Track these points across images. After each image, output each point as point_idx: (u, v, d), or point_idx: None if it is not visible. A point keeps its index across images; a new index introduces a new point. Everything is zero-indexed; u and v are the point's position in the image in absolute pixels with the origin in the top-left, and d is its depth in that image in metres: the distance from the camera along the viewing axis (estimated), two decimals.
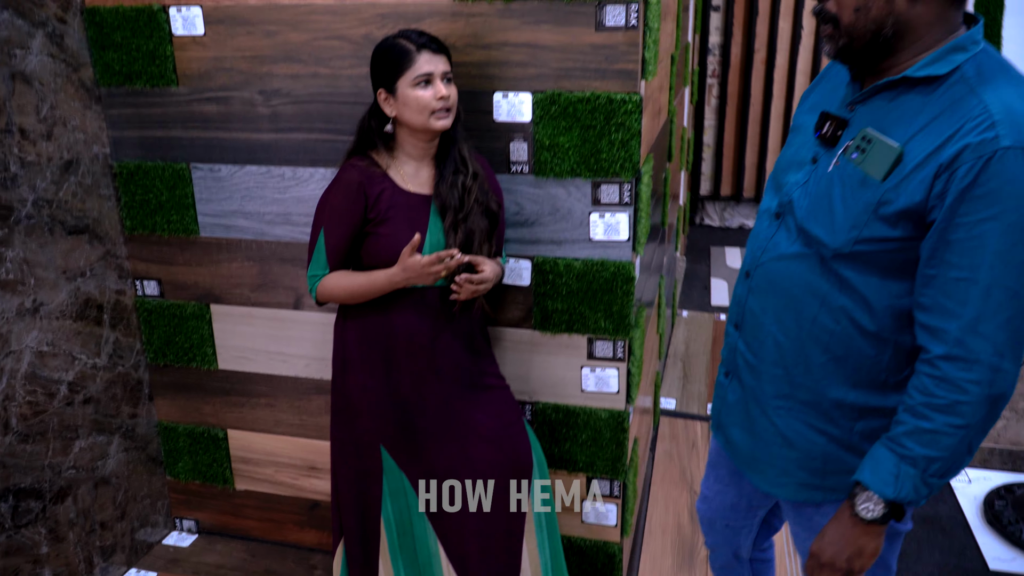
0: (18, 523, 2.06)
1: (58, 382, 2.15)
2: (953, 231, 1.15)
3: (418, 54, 1.72)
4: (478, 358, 1.95)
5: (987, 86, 1.17)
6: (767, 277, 1.40)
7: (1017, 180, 1.11)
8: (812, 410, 1.38)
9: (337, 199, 1.79)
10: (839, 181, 1.28)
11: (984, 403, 1.18)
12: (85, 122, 2.20)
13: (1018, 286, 1.14)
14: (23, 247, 2.02)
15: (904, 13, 1.20)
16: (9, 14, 1.94)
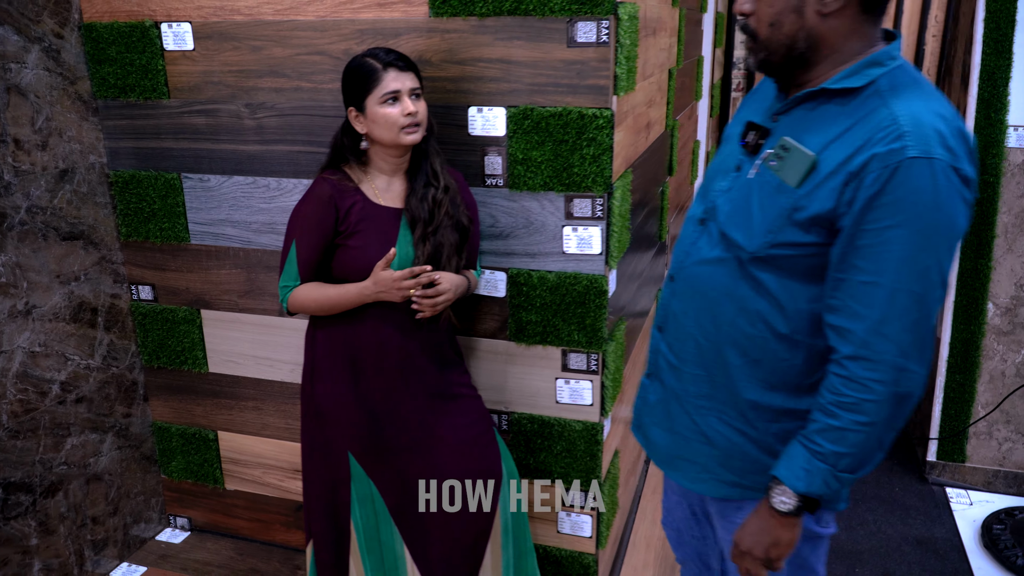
0: (7, 515, 2.14)
1: (50, 381, 2.23)
2: (861, 237, 1.20)
3: (385, 72, 1.76)
4: (447, 368, 1.98)
5: (898, 99, 1.21)
6: (689, 281, 1.45)
7: (922, 189, 1.15)
8: (731, 410, 1.43)
9: (308, 211, 1.83)
10: (758, 187, 1.33)
11: (890, 402, 1.22)
12: (81, 133, 2.28)
13: (922, 290, 1.19)
14: (16, 252, 2.10)
15: (816, 28, 1.25)
16: (4, 30, 2.02)
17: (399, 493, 1.95)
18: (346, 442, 1.92)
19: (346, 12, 2.02)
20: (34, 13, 2.10)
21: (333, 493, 1.96)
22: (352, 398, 1.90)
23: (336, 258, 1.85)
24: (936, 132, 1.17)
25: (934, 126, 1.18)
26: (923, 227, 1.17)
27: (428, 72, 2.00)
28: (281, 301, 1.89)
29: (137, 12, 2.20)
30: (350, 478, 1.94)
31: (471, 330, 2.18)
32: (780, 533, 1.34)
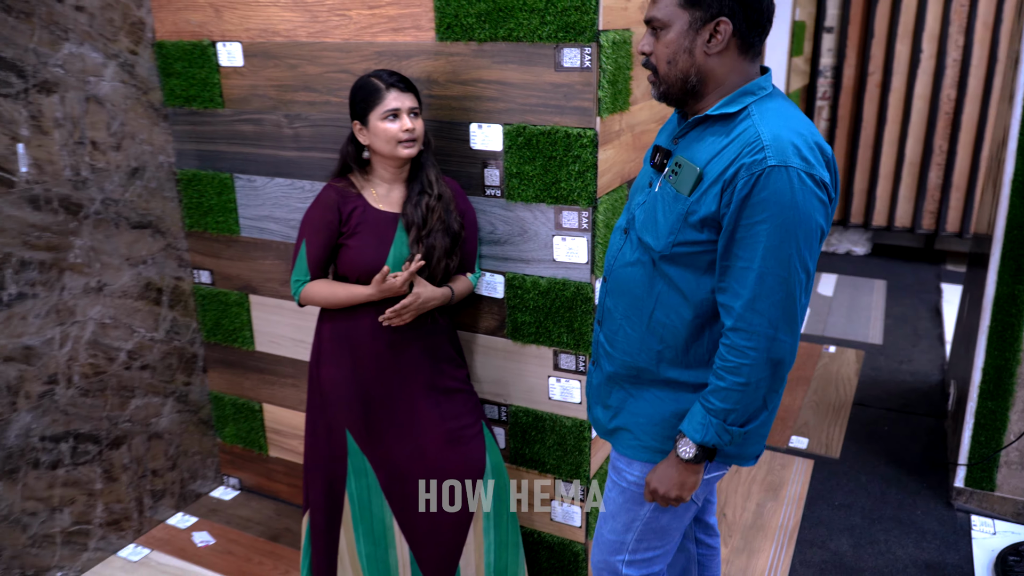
0: (76, 461, 2.51)
1: (118, 349, 2.60)
2: (738, 231, 1.44)
3: (387, 92, 1.97)
4: (441, 362, 2.18)
5: (763, 120, 1.46)
6: (617, 281, 1.68)
7: (781, 191, 1.40)
8: (655, 386, 1.67)
9: (316, 214, 2.07)
10: (661, 198, 1.58)
11: (764, 365, 1.46)
12: (152, 136, 2.63)
13: (786, 274, 1.43)
14: (90, 237, 2.46)
15: (704, 65, 1.51)
16: (86, 48, 2.38)
17: (389, 470, 2.17)
18: (344, 421, 2.15)
19: (366, 36, 2.26)
20: (112, 33, 2.45)
21: (331, 466, 2.19)
22: (351, 382, 2.13)
23: (339, 256, 2.09)
24: (792, 145, 1.41)
25: (791, 140, 1.42)
26: (784, 221, 1.40)
27: (435, 91, 2.20)
28: (293, 294, 2.14)
29: (198, 32, 2.51)
30: (347, 454, 2.17)
31: (474, 327, 2.38)
32: (685, 477, 1.59)
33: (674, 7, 1.48)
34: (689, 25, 1.47)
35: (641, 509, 1.76)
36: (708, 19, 1.46)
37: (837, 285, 5.41)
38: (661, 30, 1.50)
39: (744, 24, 1.47)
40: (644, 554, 1.80)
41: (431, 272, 2.08)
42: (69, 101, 2.36)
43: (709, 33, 1.47)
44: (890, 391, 3.89)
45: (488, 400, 2.43)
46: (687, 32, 1.48)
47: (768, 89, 1.52)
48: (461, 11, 2.10)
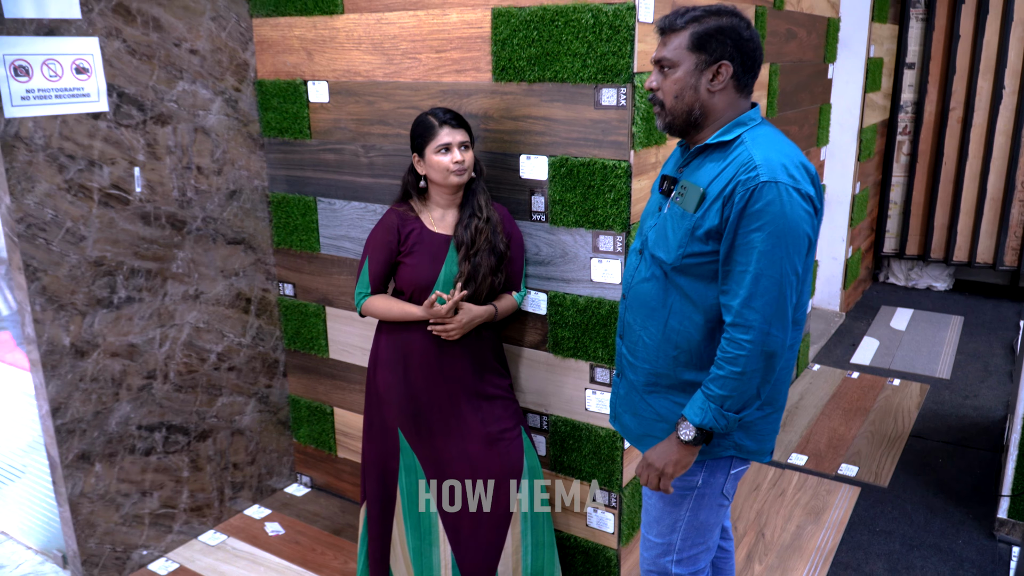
0: (167, 450, 2.84)
1: (209, 351, 2.93)
2: (736, 239, 1.65)
3: (440, 128, 2.23)
4: (484, 372, 2.40)
5: (755, 146, 1.69)
6: (635, 296, 1.88)
7: (773, 203, 1.62)
8: (675, 391, 1.85)
9: (379, 235, 2.35)
10: (671, 217, 1.79)
11: (759, 357, 1.65)
12: (249, 163, 2.98)
13: (778, 275, 1.63)
14: (191, 250, 2.81)
15: (706, 100, 1.74)
16: (196, 86, 2.75)
17: (437, 470, 2.39)
18: (396, 421, 2.40)
19: (433, 76, 2.53)
20: (219, 73, 2.82)
21: (385, 462, 2.43)
22: (403, 387, 2.37)
23: (397, 272, 2.35)
24: (780, 165, 1.64)
25: (779, 161, 1.65)
26: (775, 229, 1.61)
27: (490, 125, 2.45)
28: (356, 305, 2.41)
29: (293, 72, 2.85)
30: (399, 451, 2.41)
31: (520, 341, 2.59)
32: (681, 455, 1.77)
33: (683, 50, 1.71)
34: (695, 66, 1.70)
35: (680, 510, 1.92)
36: (712, 61, 1.70)
37: (912, 320, 5.36)
38: (669, 68, 1.73)
39: (741, 67, 1.73)
40: (689, 551, 1.95)
41: (477, 288, 2.30)
42: (180, 131, 2.73)
43: (712, 73, 1.71)
44: (950, 425, 3.87)
45: (531, 409, 2.63)
46: (693, 72, 1.71)
47: (757, 120, 1.76)
48: (514, 55, 2.34)
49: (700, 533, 1.93)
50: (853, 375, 4.47)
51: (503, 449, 2.38)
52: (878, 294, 5.98)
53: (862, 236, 5.73)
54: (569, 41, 2.24)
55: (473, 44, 2.43)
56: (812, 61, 3.80)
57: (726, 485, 1.88)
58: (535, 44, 2.30)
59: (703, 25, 1.69)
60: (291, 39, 2.82)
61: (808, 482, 3.37)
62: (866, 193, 5.56)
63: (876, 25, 5.13)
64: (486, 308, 2.34)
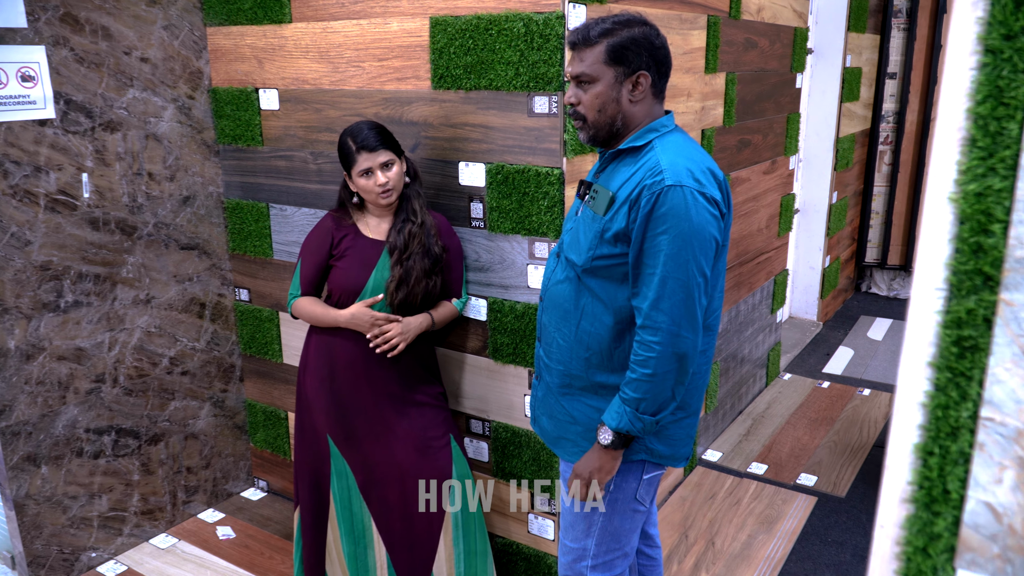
0: (117, 453, 2.86)
1: (161, 355, 2.95)
2: (644, 242, 1.67)
3: (358, 155, 2.22)
4: (412, 379, 2.40)
5: (664, 151, 1.71)
6: (551, 298, 1.90)
7: (677, 206, 1.63)
8: (588, 393, 1.86)
9: (313, 238, 2.36)
10: (583, 220, 1.83)
11: (670, 359, 1.66)
12: (204, 169, 3.01)
13: (685, 277, 1.65)
14: (143, 255, 2.84)
15: (627, 110, 1.76)
16: (148, 93, 2.78)
17: (367, 474, 2.40)
18: (325, 426, 2.41)
19: (376, 84, 2.56)
20: (172, 81, 2.85)
21: (316, 466, 2.45)
22: (330, 392, 2.39)
23: (329, 276, 2.37)
24: (686, 169, 1.66)
25: (685, 166, 1.67)
26: (680, 232, 1.63)
27: (431, 133, 2.47)
28: (288, 305, 2.42)
29: (245, 80, 2.88)
30: (329, 456, 2.43)
31: (462, 347, 2.60)
32: (604, 461, 1.78)
33: (600, 64, 1.71)
34: (615, 78, 1.72)
35: (593, 515, 1.92)
36: (631, 72, 1.72)
37: (890, 330, 5.35)
38: (588, 83, 1.73)
39: (657, 75, 1.76)
40: (605, 556, 1.96)
41: (410, 291, 2.31)
42: (131, 138, 2.76)
43: (632, 84, 1.73)
44: None
45: (473, 415, 2.64)
46: (614, 84, 1.72)
47: (670, 127, 1.79)
48: (452, 64, 2.36)
49: (615, 539, 1.93)
50: (823, 384, 4.46)
51: (432, 457, 2.39)
52: (859, 304, 5.96)
53: (842, 245, 5.71)
54: (502, 50, 2.26)
55: (413, 53, 2.45)
56: (776, 71, 3.81)
57: (639, 490, 1.89)
58: (471, 52, 2.32)
59: (617, 37, 1.70)
60: (243, 47, 2.85)
61: (765, 491, 3.36)
62: (844, 203, 5.55)
63: (853, 35, 5.13)
64: (423, 317, 2.35)
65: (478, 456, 2.68)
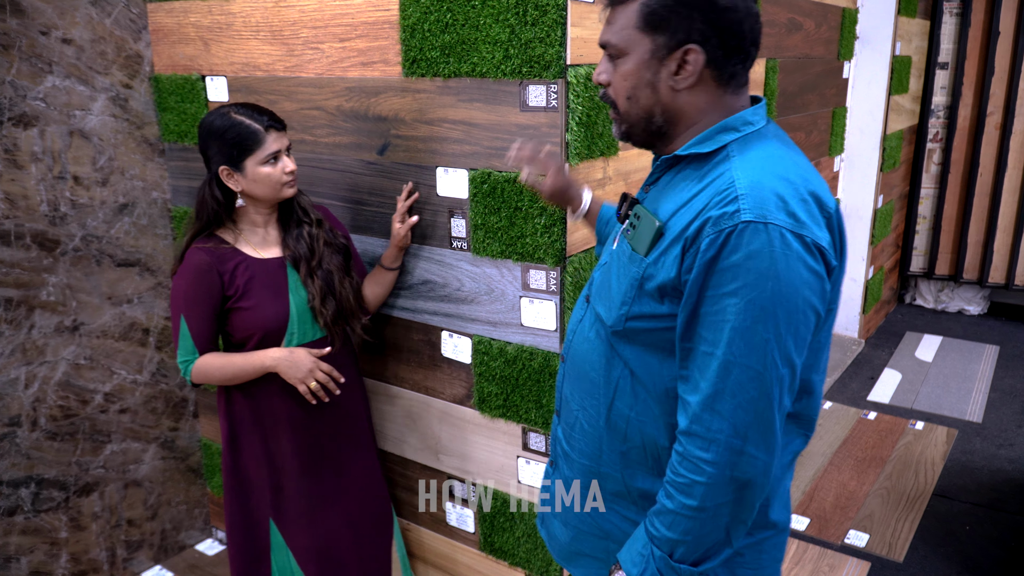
0: (38, 508, 2.41)
1: (93, 392, 2.50)
2: (702, 304, 1.12)
3: (266, 134, 1.79)
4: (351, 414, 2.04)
5: (743, 164, 1.14)
6: (575, 361, 1.37)
7: (757, 255, 1.07)
8: (623, 500, 1.34)
9: (190, 286, 1.83)
10: (617, 258, 1.29)
11: (725, 487, 1.12)
12: (145, 172, 2.54)
13: (760, 366, 1.09)
14: (67, 275, 2.38)
15: (671, 103, 1.20)
16: (72, 81, 2.31)
17: (315, 556, 1.95)
18: (268, 509, 1.96)
19: (337, 70, 2.07)
20: (103, 66, 2.38)
21: (256, 566, 2.01)
22: (266, 458, 1.94)
23: (232, 323, 1.86)
24: (776, 195, 1.10)
25: (774, 189, 1.10)
26: (758, 296, 1.07)
27: (402, 131, 1.99)
28: (183, 375, 1.89)
29: (190, 66, 2.41)
30: (269, 548, 1.98)
31: (440, 393, 2.13)
32: None
33: (632, 30, 1.18)
34: (651, 54, 1.17)
35: None
36: (674, 47, 1.16)
37: (940, 349, 4.80)
38: (618, 58, 1.21)
39: (720, 51, 1.16)
40: None
41: (339, 298, 1.92)
42: (50, 135, 2.30)
43: (676, 64, 1.17)
44: (980, 481, 3.33)
45: (454, 476, 2.16)
46: (649, 62, 1.18)
47: (757, 124, 1.22)
48: (426, 44, 1.88)
49: None
50: (870, 415, 3.93)
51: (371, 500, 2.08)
52: (903, 318, 5.41)
53: (886, 254, 5.17)
54: (488, 25, 1.77)
55: (380, 31, 1.97)
56: (822, 57, 3.29)
57: None
58: (449, 30, 1.83)
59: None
60: (187, 27, 2.38)
61: (808, 553, 2.86)
62: (890, 207, 5.00)
63: (903, 20, 4.58)
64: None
65: (461, 526, 2.20)
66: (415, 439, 2.23)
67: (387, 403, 2.26)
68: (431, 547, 2.29)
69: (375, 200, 2.10)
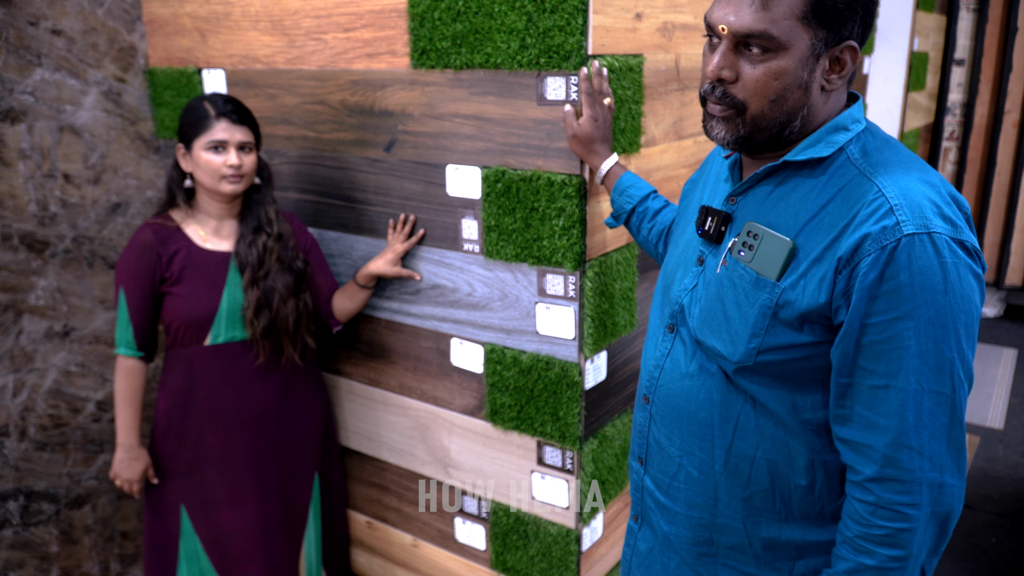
0: (28, 522, 2.30)
1: (85, 400, 2.38)
2: (865, 333, 1.02)
3: (216, 121, 1.77)
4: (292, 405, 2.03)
5: (878, 169, 1.06)
6: (669, 401, 1.24)
7: (928, 270, 0.99)
8: (741, 554, 1.22)
9: (131, 259, 1.85)
10: (729, 283, 1.15)
11: (931, 526, 1.05)
12: (140, 169, 2.43)
13: (948, 390, 1.02)
14: (57, 278, 2.27)
15: (816, 104, 1.10)
16: (63, 75, 2.20)
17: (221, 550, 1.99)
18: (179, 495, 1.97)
19: (342, 62, 1.96)
20: (95, 59, 2.27)
21: (163, 551, 2.01)
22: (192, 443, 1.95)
23: (164, 306, 1.86)
24: (931, 202, 1.02)
25: (927, 195, 1.03)
26: (935, 314, 1.00)
27: (410, 127, 1.87)
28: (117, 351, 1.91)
29: (186, 58, 2.30)
30: (179, 534, 1.98)
31: (450, 404, 2.01)
32: None
33: (794, 22, 1.03)
34: (811, 50, 1.05)
35: None
36: (835, 43, 1.05)
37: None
38: (768, 52, 1.05)
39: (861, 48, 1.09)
40: None
41: (275, 315, 1.87)
42: (39, 131, 2.18)
43: (830, 61, 1.07)
44: (1005, 491, 3.21)
45: (465, 491, 2.05)
46: (807, 60, 1.05)
47: (863, 123, 1.13)
48: (436, 34, 1.76)
49: None
50: None
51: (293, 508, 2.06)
52: None
53: None
54: (503, 13, 1.66)
55: (387, 20, 1.85)
56: None
57: None
58: (461, 18, 1.72)
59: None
60: (183, 17, 2.26)
61: None
62: None
63: (921, 15, 4.46)
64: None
65: (472, 543, 2.08)
66: (423, 451, 2.11)
67: (393, 413, 2.15)
68: (440, 565, 2.18)
69: (380, 200, 1.99)
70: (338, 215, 2.08)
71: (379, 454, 2.23)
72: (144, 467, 1.94)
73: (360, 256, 2.07)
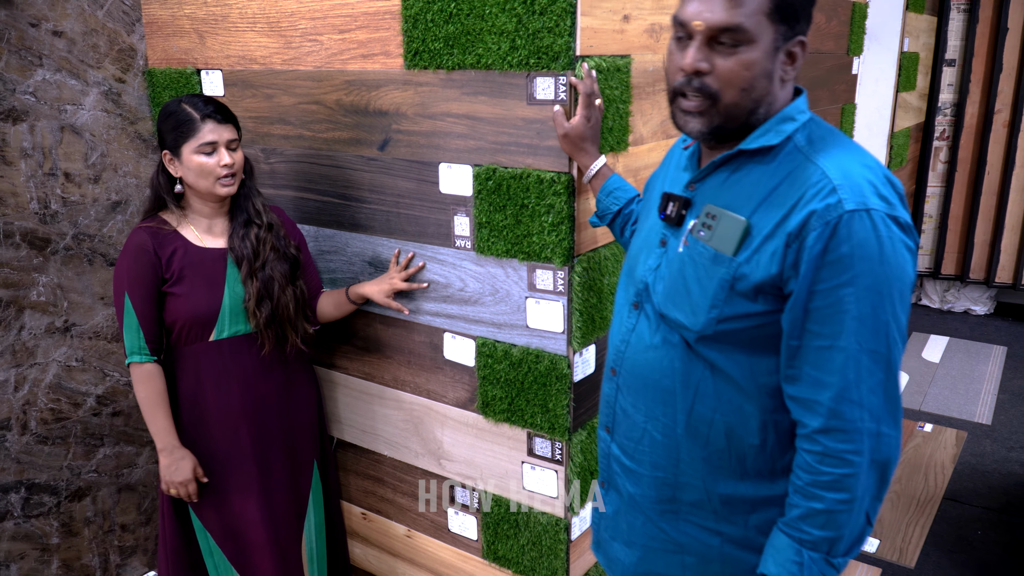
0: (28, 514, 2.34)
1: (85, 394, 2.43)
2: (812, 299, 1.13)
3: (202, 123, 1.80)
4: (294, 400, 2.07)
5: (820, 153, 1.17)
6: (634, 372, 1.34)
7: (866, 243, 1.10)
8: (701, 510, 1.33)
9: (132, 265, 1.85)
10: (690, 261, 1.26)
11: (871, 472, 1.15)
12: (139, 168, 2.47)
13: (884, 349, 1.13)
14: (58, 274, 2.31)
15: (776, 94, 1.21)
16: (63, 75, 2.24)
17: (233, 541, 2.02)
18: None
19: (337, 63, 2.01)
20: (95, 60, 2.31)
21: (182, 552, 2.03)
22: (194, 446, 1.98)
23: (166, 307, 1.88)
24: (869, 183, 1.13)
25: (864, 176, 1.14)
26: (873, 282, 1.11)
27: (404, 126, 1.92)
28: (127, 363, 1.91)
29: (184, 59, 2.34)
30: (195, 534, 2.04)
31: (443, 397, 2.06)
32: None
33: (762, 17, 1.14)
34: (773, 43, 1.16)
35: None
36: (790, 37, 1.18)
37: (947, 350, 4.74)
38: (738, 46, 1.15)
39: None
40: None
41: (276, 303, 1.91)
42: (40, 130, 2.23)
43: (786, 54, 1.19)
44: (992, 485, 3.27)
45: (457, 482, 2.09)
46: (771, 52, 1.17)
47: (807, 113, 1.24)
48: (429, 35, 1.81)
49: None
50: None
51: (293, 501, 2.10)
52: (911, 318, 5.35)
53: None
54: (494, 15, 1.70)
55: (381, 21, 1.90)
56: (832, 53, 3.23)
57: None
58: (453, 20, 1.76)
59: None
60: (181, 19, 2.30)
61: None
62: None
63: (911, 15, 4.51)
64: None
65: (463, 533, 2.13)
66: (416, 444, 2.16)
67: (388, 407, 2.20)
68: (433, 555, 2.23)
69: (375, 197, 2.03)
70: (333, 212, 2.13)
71: (374, 447, 2.27)
72: (193, 465, 1.90)
73: (354, 252, 2.12)
